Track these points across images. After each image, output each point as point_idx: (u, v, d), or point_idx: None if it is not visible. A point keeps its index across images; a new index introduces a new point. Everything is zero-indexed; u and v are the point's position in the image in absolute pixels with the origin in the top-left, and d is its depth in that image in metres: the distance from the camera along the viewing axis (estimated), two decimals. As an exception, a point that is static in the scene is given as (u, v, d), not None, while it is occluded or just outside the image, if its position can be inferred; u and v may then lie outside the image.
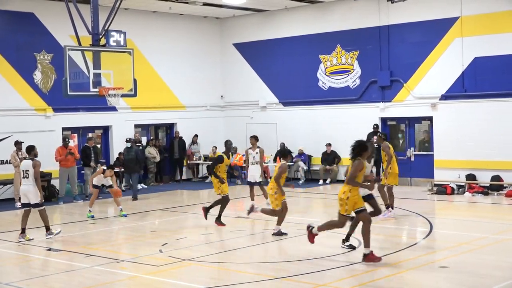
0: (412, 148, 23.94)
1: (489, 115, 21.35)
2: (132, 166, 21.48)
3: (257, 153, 18.96)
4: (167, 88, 26.73)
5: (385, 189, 16.48)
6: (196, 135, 27.53)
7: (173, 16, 26.66)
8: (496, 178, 20.98)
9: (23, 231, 14.39)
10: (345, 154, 24.13)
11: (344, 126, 24.69)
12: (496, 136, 21.03)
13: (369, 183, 11.85)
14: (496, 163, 21.11)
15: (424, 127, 23.71)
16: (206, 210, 15.81)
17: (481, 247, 13.00)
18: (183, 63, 27.14)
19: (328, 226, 11.90)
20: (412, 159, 23.77)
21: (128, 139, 22.26)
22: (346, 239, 12.65)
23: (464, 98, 22.10)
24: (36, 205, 14.27)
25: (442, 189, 21.36)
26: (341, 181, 24.30)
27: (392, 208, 16.44)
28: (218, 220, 15.69)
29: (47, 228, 14.58)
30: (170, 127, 27.44)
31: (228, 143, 17.68)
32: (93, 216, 17.74)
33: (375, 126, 23.79)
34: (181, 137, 26.97)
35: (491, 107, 21.47)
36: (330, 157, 25.01)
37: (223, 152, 17.00)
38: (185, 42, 27.36)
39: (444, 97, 22.59)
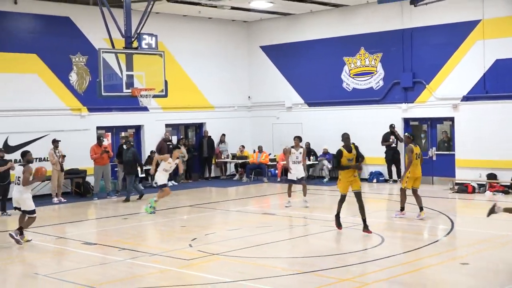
0: (434, 148, 23.81)
1: (510, 115, 21.18)
2: (128, 168, 21.10)
3: (300, 152, 18.72)
4: (196, 89, 26.84)
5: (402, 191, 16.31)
6: (224, 135, 27.63)
7: (202, 20, 26.77)
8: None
9: (21, 232, 13.60)
10: (368, 153, 24.21)
11: (368, 126, 24.60)
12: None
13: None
14: (508, 162, 20.97)
15: (446, 127, 23.53)
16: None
17: (501, 245, 12.96)
18: (211, 65, 27.23)
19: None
20: (434, 158, 23.65)
21: (124, 141, 22.13)
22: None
23: (486, 99, 21.91)
24: (28, 212, 13.71)
25: (464, 188, 21.24)
26: (365, 179, 24.41)
27: (403, 210, 16.27)
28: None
29: (21, 230, 13.62)
30: (199, 126, 27.56)
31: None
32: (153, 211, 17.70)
33: (393, 126, 23.79)
34: (210, 136, 27.07)
35: (507, 107, 21.32)
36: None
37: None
38: (214, 44, 27.45)
39: (466, 98, 22.43)
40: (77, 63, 23.23)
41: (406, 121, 24.25)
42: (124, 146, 21.65)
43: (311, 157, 25.88)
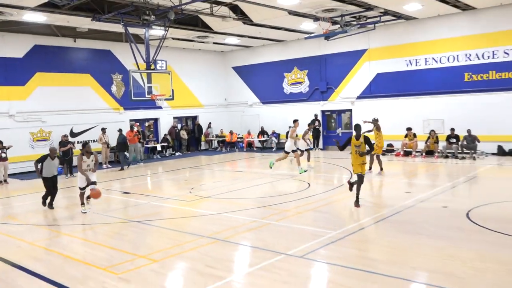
0: (340, 128, 24.28)
1: (386, 107, 21.73)
2: (120, 147, 20.19)
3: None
4: (192, 95, 26.76)
5: (375, 156, 15.67)
6: (210, 122, 27.65)
7: (195, 51, 26.64)
8: (389, 145, 21.39)
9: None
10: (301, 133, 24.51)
11: (299, 116, 24.90)
12: (391, 119, 21.45)
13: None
14: (392, 136, 21.54)
15: (347, 115, 24.01)
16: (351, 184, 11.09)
17: (387, 184, 13.28)
18: (202, 79, 27.15)
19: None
20: (340, 134, 24.12)
21: (119, 130, 20.72)
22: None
23: (371, 98, 22.37)
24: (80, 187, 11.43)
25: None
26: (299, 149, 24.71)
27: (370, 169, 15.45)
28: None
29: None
30: (194, 118, 27.54)
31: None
32: (305, 171, 16.09)
33: (316, 115, 24.15)
34: (200, 124, 27.15)
35: (387, 102, 21.82)
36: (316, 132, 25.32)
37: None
38: (203, 66, 27.34)
39: (359, 97, 22.86)
40: (116, 79, 23.05)
41: (323, 112, 24.65)
42: (118, 134, 20.53)
43: (264, 135, 26.20)
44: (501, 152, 18.84)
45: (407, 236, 8.05)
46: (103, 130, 21.09)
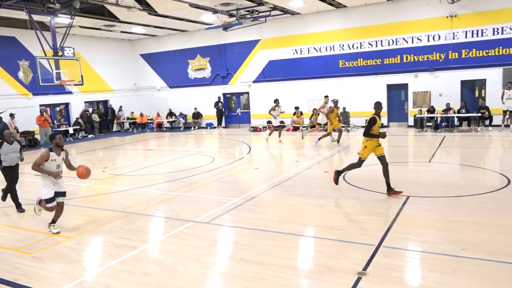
0: (239, 108, 24.43)
1: (278, 90, 22.24)
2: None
3: (280, 110, 16.78)
4: (102, 80, 25.08)
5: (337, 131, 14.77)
6: (121, 106, 26.23)
7: (103, 38, 24.86)
8: (281, 122, 21.94)
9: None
10: (205, 113, 24.29)
11: (203, 98, 24.65)
12: (282, 100, 21.90)
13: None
14: (283, 114, 22.10)
15: (245, 97, 24.21)
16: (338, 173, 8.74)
17: (281, 160, 13.63)
18: (111, 65, 25.51)
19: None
20: (240, 114, 24.32)
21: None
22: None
23: (265, 81, 22.79)
24: None
25: (255, 129, 22.03)
26: (203, 127, 24.50)
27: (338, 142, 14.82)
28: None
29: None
30: (105, 102, 25.91)
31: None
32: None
33: (219, 97, 24.04)
34: (112, 107, 25.61)
35: (278, 85, 22.34)
36: (198, 116, 24.97)
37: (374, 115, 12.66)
38: (112, 53, 25.67)
39: (254, 81, 23.16)
40: (22, 65, 20.66)
41: (224, 94, 24.58)
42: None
43: (172, 117, 25.51)
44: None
45: (296, 198, 8.35)
46: (12, 115, 18.95)
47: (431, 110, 18.50)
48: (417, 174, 10.15)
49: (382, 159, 8.08)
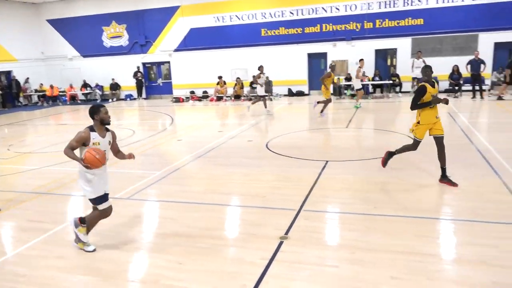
0: (160, 78, 23.58)
1: (200, 59, 21.76)
2: None
3: (264, 79, 15.40)
4: (2, 49, 22.60)
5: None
6: (28, 78, 23.95)
7: (2, 1, 22.23)
8: (204, 92, 21.70)
9: None
10: (123, 84, 23.13)
11: (120, 68, 23.37)
12: (205, 69, 21.68)
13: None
14: (206, 84, 21.82)
15: (166, 67, 23.36)
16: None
17: (200, 127, 13.37)
18: (14, 32, 23.00)
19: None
20: (161, 84, 23.50)
21: None
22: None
23: (187, 50, 22.13)
24: None
25: (177, 100, 21.49)
26: (122, 99, 23.44)
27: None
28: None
29: None
30: (8, 73, 23.44)
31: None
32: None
33: (138, 67, 22.95)
34: (16, 79, 23.27)
35: (201, 54, 21.83)
36: (116, 87, 23.66)
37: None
38: (15, 18, 23.07)
39: (176, 50, 22.39)
40: None
41: (144, 64, 23.48)
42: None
43: (87, 88, 23.94)
44: (290, 93, 20.83)
45: (221, 167, 8.34)
46: None
47: (348, 78, 19.38)
48: (336, 140, 10.65)
49: (439, 141, 6.37)
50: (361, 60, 15.45)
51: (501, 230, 4.89)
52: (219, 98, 20.81)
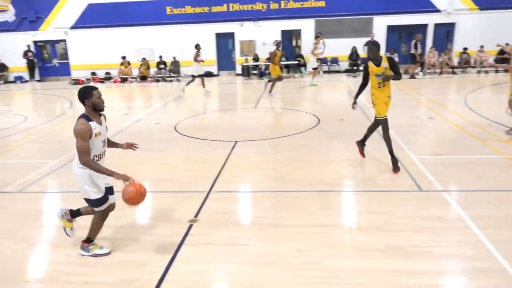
0: (56, 59, 21.58)
1: (101, 37, 20.29)
2: None
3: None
4: None
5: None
6: None
7: None
8: (107, 73, 20.44)
9: None
10: (11, 65, 20.84)
11: (6, 47, 20.88)
12: (107, 49, 20.33)
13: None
14: (109, 65, 20.49)
15: (62, 46, 21.42)
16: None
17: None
18: None
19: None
20: (57, 65, 21.57)
21: None
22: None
23: (85, 28, 20.48)
24: None
25: (77, 82, 19.89)
26: (12, 82, 21.08)
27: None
28: None
29: None
30: None
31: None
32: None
33: (27, 46, 20.72)
34: None
35: (102, 32, 20.32)
36: (2, 68, 21.15)
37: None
38: None
39: (73, 27, 20.62)
40: None
41: (36, 42, 21.22)
42: None
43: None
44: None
45: (128, 152, 7.92)
46: None
47: (256, 58, 19.62)
48: (244, 120, 10.76)
49: (384, 122, 6.20)
50: (318, 37, 15.53)
51: (395, 198, 5.37)
52: (124, 80, 19.76)
